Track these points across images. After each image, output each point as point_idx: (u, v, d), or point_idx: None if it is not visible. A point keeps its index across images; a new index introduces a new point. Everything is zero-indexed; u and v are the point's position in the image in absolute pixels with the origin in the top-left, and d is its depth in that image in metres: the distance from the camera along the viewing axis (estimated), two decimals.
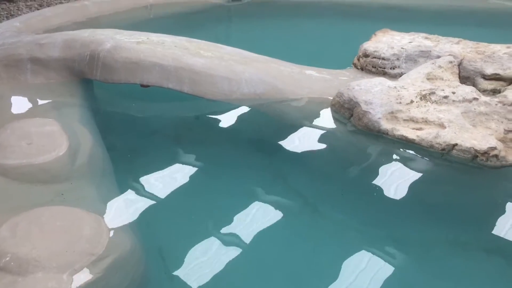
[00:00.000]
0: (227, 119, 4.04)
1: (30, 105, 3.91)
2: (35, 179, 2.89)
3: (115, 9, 7.12)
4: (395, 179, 3.24)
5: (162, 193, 3.12)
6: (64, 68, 4.32)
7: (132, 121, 4.12)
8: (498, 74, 4.13)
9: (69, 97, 4.05)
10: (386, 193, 3.16)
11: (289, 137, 3.75)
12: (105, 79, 4.17)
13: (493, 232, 2.81)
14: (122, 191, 3.06)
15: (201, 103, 4.17)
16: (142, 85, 4.17)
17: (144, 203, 2.99)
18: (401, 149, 3.46)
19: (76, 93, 4.13)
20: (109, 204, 2.84)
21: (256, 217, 2.91)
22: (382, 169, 3.33)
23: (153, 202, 3.03)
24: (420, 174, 3.27)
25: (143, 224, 2.80)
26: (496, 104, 3.49)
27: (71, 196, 2.80)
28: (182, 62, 4.12)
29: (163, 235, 2.85)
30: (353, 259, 2.65)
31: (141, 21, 6.85)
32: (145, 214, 2.89)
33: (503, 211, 2.93)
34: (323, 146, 3.67)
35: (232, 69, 4.21)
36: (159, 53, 4.18)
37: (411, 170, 3.30)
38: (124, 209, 2.86)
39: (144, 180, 3.22)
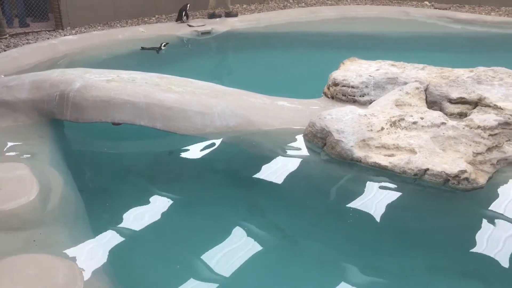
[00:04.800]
0: (201, 154, 4.02)
1: None
2: (5, 226, 2.80)
3: (83, 47, 7.12)
4: (371, 207, 3.26)
5: (138, 234, 3.06)
6: (33, 109, 4.26)
7: (104, 161, 4.06)
8: (464, 98, 4.26)
9: (38, 139, 3.98)
10: (363, 221, 3.18)
11: (263, 169, 3.76)
12: (76, 118, 4.13)
13: (469, 255, 2.84)
14: (96, 233, 2.98)
15: (174, 138, 4.15)
16: (113, 123, 4.13)
17: (120, 245, 2.92)
18: (375, 176, 3.50)
19: (46, 135, 4.07)
20: (83, 248, 2.77)
21: (235, 252, 2.88)
22: (357, 197, 3.35)
23: (128, 243, 2.96)
24: (394, 200, 3.31)
25: (119, 267, 2.73)
26: (463, 128, 3.58)
27: (43, 242, 2.72)
28: (154, 99, 4.12)
29: (140, 277, 2.77)
30: None
31: (110, 58, 6.85)
32: (121, 256, 2.82)
33: (476, 233, 2.97)
34: (298, 176, 3.69)
35: (204, 104, 4.23)
36: (130, 90, 4.17)
37: (385, 197, 3.33)
38: (98, 252, 2.78)
39: (119, 221, 3.16)
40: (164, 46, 7.44)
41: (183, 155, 4.11)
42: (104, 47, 7.32)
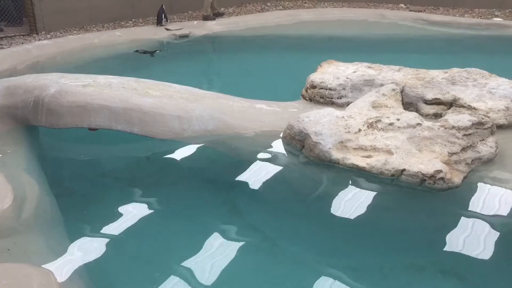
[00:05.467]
0: (179, 158, 4.00)
1: None
2: None
3: (59, 52, 7.01)
4: (349, 208, 3.29)
5: (117, 240, 3.02)
6: (7, 115, 4.18)
7: (81, 167, 4.00)
8: (438, 99, 4.33)
9: (13, 145, 3.91)
10: (341, 222, 3.20)
11: (243, 172, 3.75)
12: (51, 124, 4.07)
13: (446, 253, 2.88)
14: (73, 241, 2.93)
15: (152, 143, 4.12)
16: (90, 129, 4.09)
17: (98, 252, 2.88)
18: (353, 177, 3.53)
19: (21, 141, 4.00)
20: (59, 256, 2.72)
21: (215, 256, 2.87)
22: (336, 199, 3.38)
23: (107, 250, 2.92)
24: (373, 201, 3.33)
25: (97, 275, 2.69)
26: (438, 128, 3.64)
27: (18, 251, 2.67)
28: (131, 103, 4.09)
29: (119, 284, 2.74)
30: None
31: (86, 63, 6.77)
32: (100, 264, 2.78)
33: (453, 232, 3.02)
34: (277, 179, 3.69)
35: (182, 107, 4.21)
36: (106, 95, 4.13)
37: (363, 198, 3.36)
38: (76, 260, 2.74)
39: (97, 227, 3.11)
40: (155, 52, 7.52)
41: (162, 159, 4.08)
42: (80, 52, 7.23)
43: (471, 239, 2.97)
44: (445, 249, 2.91)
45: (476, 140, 3.62)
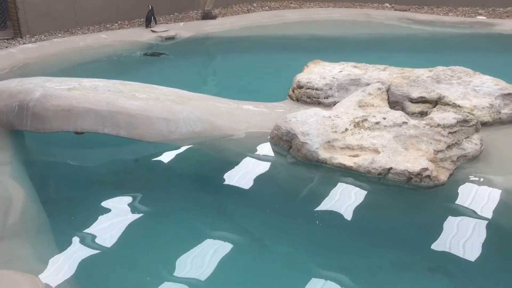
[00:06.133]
0: (167, 160, 3.99)
1: None
2: None
3: (43, 55, 6.95)
4: (337, 207, 3.30)
5: (105, 244, 3.00)
6: None
7: (68, 171, 3.97)
8: (424, 97, 4.37)
9: None
10: (330, 221, 3.22)
11: (231, 173, 3.75)
12: (37, 129, 4.04)
13: (434, 251, 2.90)
14: (60, 246, 2.91)
15: (139, 146, 4.10)
16: (76, 133, 4.06)
17: (86, 257, 2.86)
18: (341, 177, 3.55)
19: (6, 146, 3.96)
20: (46, 262, 2.70)
21: (205, 258, 2.86)
22: (324, 198, 3.39)
23: (95, 254, 2.90)
24: (360, 200, 3.35)
25: (86, 280, 2.67)
26: (424, 127, 3.67)
27: (3, 258, 2.65)
28: (117, 106, 4.07)
29: None
30: None
31: (72, 66, 6.71)
32: (88, 269, 2.76)
33: (440, 229, 3.05)
34: (265, 179, 3.70)
35: (169, 110, 4.19)
36: (92, 98, 4.10)
37: (351, 197, 3.37)
38: (63, 266, 2.72)
39: (84, 232, 3.09)
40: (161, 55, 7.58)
41: (150, 162, 4.06)
42: (65, 55, 7.17)
43: (458, 236, 3.00)
44: (432, 246, 2.94)
45: (461, 137, 3.66)
